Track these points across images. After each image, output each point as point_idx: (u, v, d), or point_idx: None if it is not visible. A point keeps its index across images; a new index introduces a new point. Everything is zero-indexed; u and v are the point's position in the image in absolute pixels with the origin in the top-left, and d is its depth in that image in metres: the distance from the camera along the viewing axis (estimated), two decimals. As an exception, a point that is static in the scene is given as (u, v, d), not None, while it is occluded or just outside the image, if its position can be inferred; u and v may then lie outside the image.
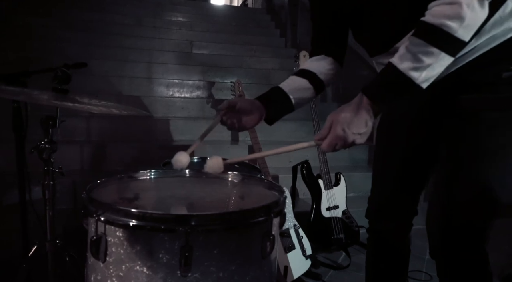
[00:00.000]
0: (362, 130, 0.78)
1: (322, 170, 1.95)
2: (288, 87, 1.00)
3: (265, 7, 5.15)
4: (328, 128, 0.80)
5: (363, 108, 0.77)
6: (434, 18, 0.69)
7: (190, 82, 3.18)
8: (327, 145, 0.79)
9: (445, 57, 0.70)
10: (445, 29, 0.68)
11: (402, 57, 0.72)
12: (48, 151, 1.02)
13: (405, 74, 0.71)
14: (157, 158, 2.42)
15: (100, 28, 3.59)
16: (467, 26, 0.67)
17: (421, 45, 0.70)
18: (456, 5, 0.66)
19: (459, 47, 0.70)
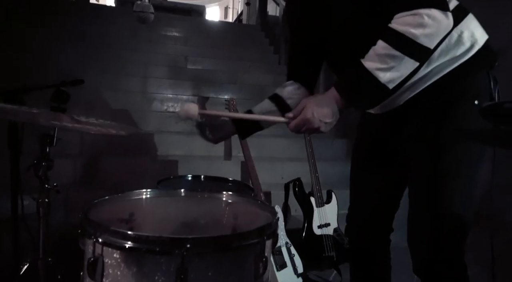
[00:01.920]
0: (328, 119, 0.85)
1: (314, 187, 1.97)
2: (257, 110, 1.10)
3: (260, 23, 5.25)
4: (299, 110, 0.86)
5: (333, 100, 0.84)
6: (399, 26, 0.76)
7: (184, 97, 3.21)
8: (295, 125, 0.87)
9: (409, 61, 0.77)
10: (409, 35, 0.75)
11: (370, 58, 0.79)
12: (44, 168, 1.03)
13: (371, 73, 0.79)
14: (150, 172, 2.43)
15: (95, 40, 3.61)
16: (429, 34, 0.75)
17: (386, 48, 0.77)
18: (418, 16, 0.74)
19: (422, 53, 0.77)
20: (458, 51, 0.85)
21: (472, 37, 0.86)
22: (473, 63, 0.86)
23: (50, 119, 0.92)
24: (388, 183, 1.06)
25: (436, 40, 0.76)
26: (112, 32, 3.83)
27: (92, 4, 5.50)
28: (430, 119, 0.89)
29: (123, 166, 2.33)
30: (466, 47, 0.85)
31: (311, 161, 2.01)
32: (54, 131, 1.04)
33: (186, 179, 1.52)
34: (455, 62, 0.85)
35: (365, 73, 0.79)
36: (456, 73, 0.85)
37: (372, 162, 1.07)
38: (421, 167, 0.92)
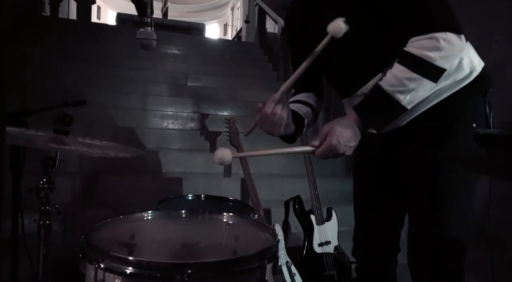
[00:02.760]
0: (352, 143, 0.85)
1: (314, 205, 1.97)
2: (300, 111, 1.04)
3: (258, 41, 5.34)
4: (324, 137, 0.86)
5: (354, 124, 0.85)
6: (416, 50, 0.79)
7: (184, 114, 3.24)
8: (321, 152, 0.86)
9: (427, 83, 0.80)
10: (426, 59, 0.78)
11: (389, 81, 0.81)
12: (46, 191, 1.04)
13: (391, 96, 0.81)
14: (150, 190, 2.43)
15: (96, 58, 3.67)
16: (445, 56, 0.77)
17: (405, 72, 0.79)
18: (434, 40, 0.77)
19: (439, 74, 0.80)
20: (458, 76, 0.88)
21: (471, 64, 0.89)
22: (471, 88, 0.89)
23: (53, 143, 0.93)
24: (391, 202, 1.07)
25: (452, 61, 0.80)
26: (113, 50, 3.90)
27: (93, 23, 5.61)
28: (429, 141, 0.91)
29: (122, 184, 2.33)
30: (465, 73, 0.88)
31: (311, 178, 2.02)
32: (56, 154, 1.05)
33: (186, 198, 1.53)
34: (455, 86, 0.88)
35: (386, 96, 0.81)
36: (455, 97, 0.88)
37: (374, 182, 1.08)
38: (420, 188, 0.93)
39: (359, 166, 1.13)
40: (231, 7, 11.80)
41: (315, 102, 1.12)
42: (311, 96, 1.13)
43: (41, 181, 1.03)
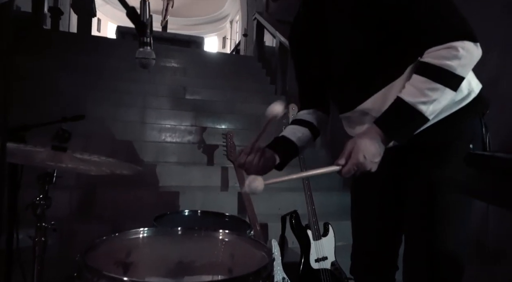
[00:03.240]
0: (377, 158, 0.84)
1: (311, 220, 1.97)
2: (294, 137, 1.07)
3: (257, 54, 5.40)
4: (348, 154, 0.84)
5: (378, 138, 0.83)
6: (435, 60, 0.79)
7: (182, 127, 3.25)
8: (348, 170, 0.84)
9: (449, 92, 0.79)
10: (447, 68, 0.78)
11: (411, 93, 0.81)
12: (43, 207, 1.04)
13: (415, 108, 0.80)
14: (147, 203, 2.42)
15: (95, 71, 3.70)
16: (464, 64, 0.78)
17: (426, 82, 0.79)
18: (452, 49, 0.77)
19: (459, 82, 0.80)
20: (457, 97, 0.88)
21: (469, 85, 0.90)
22: (469, 109, 0.90)
23: (51, 160, 0.94)
24: (390, 219, 1.06)
25: (469, 69, 0.81)
26: (112, 63, 3.93)
27: (93, 36, 5.68)
28: (427, 159, 0.91)
29: (120, 197, 2.33)
30: (464, 94, 0.89)
31: (308, 193, 2.02)
32: (54, 170, 1.06)
33: (183, 214, 1.53)
34: (454, 107, 0.89)
35: (409, 108, 0.80)
36: (454, 117, 0.89)
37: (373, 199, 1.08)
38: (416, 207, 0.94)
39: (357, 183, 1.13)
40: (230, 21, 11.97)
41: (317, 119, 1.12)
42: (312, 113, 1.13)
43: (38, 197, 1.03)
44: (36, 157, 0.95)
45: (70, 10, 6.41)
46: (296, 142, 1.06)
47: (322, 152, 3.20)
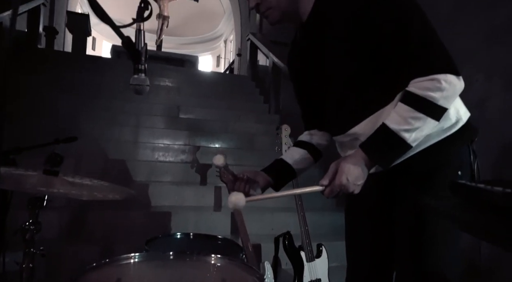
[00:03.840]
0: (360, 181, 0.86)
1: (304, 241, 1.96)
2: (291, 160, 1.11)
3: (250, 74, 5.48)
4: (332, 175, 0.86)
5: (362, 161, 0.86)
6: (419, 90, 0.82)
7: (175, 146, 3.25)
8: (330, 191, 0.86)
9: (431, 122, 0.83)
10: (430, 99, 0.81)
11: (395, 120, 0.84)
12: (32, 232, 1.02)
13: (398, 135, 0.83)
14: (139, 224, 2.39)
15: (89, 90, 3.71)
16: (446, 96, 0.82)
17: (410, 111, 0.82)
18: (435, 81, 0.81)
19: (441, 113, 0.84)
20: (445, 124, 0.91)
21: (457, 113, 0.93)
22: (457, 137, 0.93)
23: (42, 185, 0.93)
24: (384, 244, 1.07)
25: (452, 101, 0.84)
26: (106, 82, 3.95)
27: (87, 56, 5.72)
28: (416, 185, 0.93)
29: (110, 218, 2.30)
30: (452, 122, 0.92)
31: (301, 213, 2.02)
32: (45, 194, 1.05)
33: (174, 237, 1.51)
34: (442, 134, 0.92)
35: (392, 134, 0.83)
36: (442, 144, 0.92)
37: (366, 224, 1.09)
38: (405, 231, 0.95)
39: (350, 207, 1.14)
40: (224, 40, 12.17)
41: (318, 139, 1.15)
42: (314, 133, 1.16)
43: (27, 221, 1.02)
44: (27, 181, 0.95)
45: (65, 29, 6.48)
46: (292, 164, 1.10)
47: (315, 171, 3.20)
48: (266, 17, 0.99)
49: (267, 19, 0.99)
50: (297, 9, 0.98)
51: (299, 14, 0.98)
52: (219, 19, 11.83)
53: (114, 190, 1.07)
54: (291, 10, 0.98)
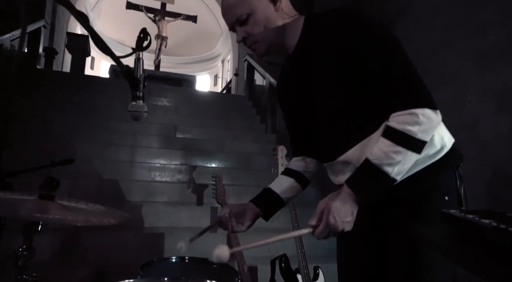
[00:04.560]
0: (349, 218, 0.86)
1: (301, 264, 1.94)
2: (279, 189, 1.13)
3: (247, 93, 5.54)
4: (319, 215, 0.86)
5: (348, 198, 0.86)
6: (398, 124, 0.84)
7: (172, 166, 3.24)
8: (320, 232, 0.86)
9: (412, 154, 0.85)
10: (408, 133, 0.83)
11: (377, 155, 0.85)
12: (25, 258, 1.01)
13: (381, 169, 0.84)
14: (134, 246, 2.36)
15: (86, 110, 3.72)
16: (424, 130, 0.84)
17: (391, 145, 0.84)
18: (414, 115, 0.83)
19: (421, 146, 0.85)
20: (430, 151, 0.93)
21: (441, 140, 0.96)
22: (443, 163, 0.95)
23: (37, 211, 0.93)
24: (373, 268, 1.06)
25: (431, 134, 0.87)
26: (103, 103, 3.97)
27: (86, 76, 5.78)
28: (405, 213, 0.94)
29: (105, 240, 2.26)
30: (437, 149, 0.94)
31: (297, 235, 2.01)
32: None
33: (170, 261, 1.49)
34: (428, 160, 0.94)
35: (375, 170, 0.85)
36: (428, 170, 0.93)
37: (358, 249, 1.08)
38: (396, 256, 0.95)
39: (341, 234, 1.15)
40: (222, 60, 12.35)
41: (307, 167, 1.16)
42: (302, 160, 1.17)
43: (21, 247, 1.01)
44: (22, 207, 0.94)
45: (64, 49, 6.57)
46: (280, 194, 1.12)
47: (312, 191, 3.21)
48: (253, 50, 1.01)
49: (254, 52, 1.02)
50: (283, 42, 1.00)
51: (286, 46, 1.01)
52: (216, 39, 12.05)
53: (110, 214, 1.06)
54: (278, 43, 0.99)
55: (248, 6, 0.94)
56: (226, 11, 0.97)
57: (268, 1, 0.96)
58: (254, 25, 0.95)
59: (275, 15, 0.96)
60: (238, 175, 3.30)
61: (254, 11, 0.94)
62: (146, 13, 9.93)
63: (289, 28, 0.98)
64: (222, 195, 1.96)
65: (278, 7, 0.96)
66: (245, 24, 0.96)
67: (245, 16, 0.94)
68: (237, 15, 0.95)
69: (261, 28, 0.95)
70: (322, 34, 0.94)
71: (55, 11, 5.86)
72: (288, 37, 0.99)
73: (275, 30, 0.97)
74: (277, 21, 0.97)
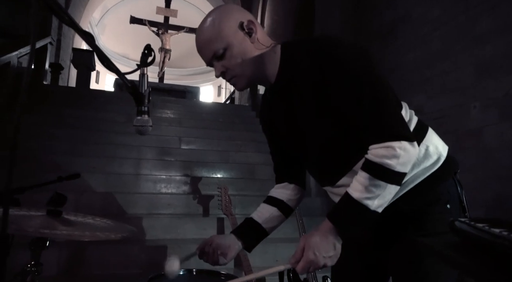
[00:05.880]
0: (331, 253, 0.84)
1: (309, 275, 1.92)
2: (260, 218, 1.10)
3: (251, 104, 5.58)
4: (301, 251, 0.85)
5: (330, 233, 0.85)
6: (376, 157, 0.82)
7: (177, 178, 3.25)
8: (301, 268, 0.84)
9: (391, 187, 0.82)
10: (386, 166, 0.81)
11: (356, 189, 0.84)
12: (33, 274, 1.01)
13: (360, 203, 0.82)
14: (140, 260, 2.35)
15: (92, 124, 3.77)
16: (403, 162, 0.81)
17: (369, 179, 0.82)
18: (391, 148, 0.81)
19: (401, 178, 0.84)
20: (427, 163, 0.93)
21: (436, 150, 0.95)
22: (441, 172, 0.94)
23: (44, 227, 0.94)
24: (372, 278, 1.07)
25: (409, 166, 0.84)
26: (108, 117, 4.02)
27: (91, 90, 5.86)
28: (407, 224, 0.93)
29: (110, 254, 2.25)
30: (433, 160, 0.94)
31: (304, 245, 1.99)
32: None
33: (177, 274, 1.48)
34: (427, 172, 0.93)
35: (356, 204, 0.83)
36: (428, 181, 0.93)
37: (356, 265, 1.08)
38: (401, 270, 0.95)
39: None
40: (225, 71, 12.45)
41: (289, 195, 1.12)
42: (285, 187, 1.14)
43: (29, 264, 1.01)
44: (29, 223, 0.95)
45: (70, 64, 6.67)
46: (262, 224, 1.09)
47: (317, 200, 3.20)
48: (233, 85, 1.00)
49: (234, 87, 1.00)
50: (263, 72, 0.97)
51: (267, 76, 0.99)
52: (219, 50, 12.16)
53: (117, 228, 1.07)
54: (257, 75, 0.98)
55: (223, 41, 0.92)
56: (202, 47, 0.96)
57: (243, 34, 0.93)
58: (231, 59, 0.93)
59: (251, 47, 0.94)
60: (243, 185, 3.29)
61: (230, 45, 0.92)
62: (150, 27, 10.08)
63: (267, 58, 0.96)
64: (228, 206, 1.96)
65: (253, 38, 0.94)
66: (222, 59, 0.94)
67: (222, 51, 0.92)
68: (213, 50, 0.93)
69: (239, 61, 0.93)
70: (298, 65, 0.92)
71: (61, 27, 5.97)
72: (267, 67, 0.97)
73: (252, 62, 0.94)
74: (254, 53, 0.94)
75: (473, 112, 2.26)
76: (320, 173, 1.04)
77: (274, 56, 0.96)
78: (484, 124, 2.17)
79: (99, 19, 11.40)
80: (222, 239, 1.06)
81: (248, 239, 1.09)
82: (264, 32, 0.99)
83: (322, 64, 0.87)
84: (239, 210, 2.80)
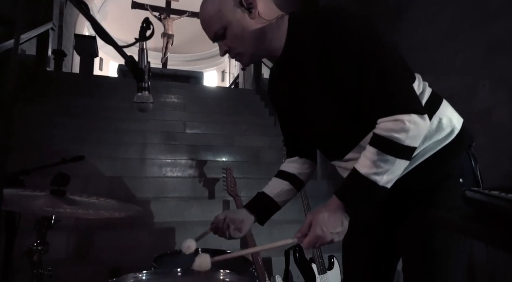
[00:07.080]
0: (339, 229, 0.84)
1: (315, 253, 1.93)
2: (272, 193, 1.10)
3: (255, 87, 5.52)
4: (307, 226, 0.85)
5: (338, 209, 0.84)
6: (384, 131, 0.80)
7: (182, 161, 3.26)
8: (308, 243, 0.85)
9: (401, 162, 0.80)
10: (395, 140, 0.79)
11: (364, 164, 0.82)
12: (40, 253, 1.02)
13: (369, 178, 0.80)
14: (147, 242, 2.37)
15: (96, 111, 3.76)
16: (412, 136, 0.79)
17: (377, 154, 0.80)
18: (400, 121, 0.78)
19: (410, 152, 0.81)
20: (440, 135, 0.90)
21: (450, 122, 0.92)
22: (454, 145, 0.91)
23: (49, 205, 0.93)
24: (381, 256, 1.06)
25: (419, 140, 0.81)
26: (113, 103, 4.00)
27: (94, 76, 5.83)
28: (420, 202, 0.91)
29: (118, 237, 2.28)
30: (446, 132, 0.91)
31: (310, 226, 1.99)
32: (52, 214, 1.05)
33: (183, 253, 1.49)
34: (438, 145, 0.90)
35: (364, 180, 0.81)
36: (439, 155, 0.90)
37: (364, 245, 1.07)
38: (412, 247, 0.93)
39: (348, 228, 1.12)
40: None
41: (300, 168, 1.12)
42: (297, 161, 1.13)
43: (35, 243, 1.02)
44: (34, 203, 0.95)
45: (73, 51, 6.64)
46: (274, 198, 1.09)
47: (323, 183, 3.18)
48: (238, 61, 0.98)
49: (240, 62, 0.99)
50: (268, 47, 0.95)
51: (272, 50, 0.96)
52: (222, 35, 12.01)
53: (121, 208, 1.07)
54: (261, 51, 0.96)
55: (222, 20, 0.90)
56: (204, 27, 0.94)
57: (241, 10, 0.90)
58: (232, 38, 0.91)
59: (252, 23, 0.91)
60: (248, 169, 3.29)
61: (229, 24, 0.90)
62: (152, 12, 9.96)
63: (270, 32, 0.93)
64: (233, 187, 1.95)
65: (254, 14, 0.91)
66: (224, 38, 0.92)
67: (222, 31, 0.91)
68: (214, 31, 0.92)
69: (240, 39, 0.91)
70: (304, 39, 0.89)
71: (62, 14, 5.92)
72: (272, 41, 0.94)
73: (254, 38, 0.92)
74: (255, 29, 0.92)
75: (482, 91, 2.21)
76: (327, 148, 1.02)
77: (278, 30, 0.93)
78: (493, 104, 2.12)
79: (100, 6, 11.27)
80: (235, 214, 1.07)
81: (261, 213, 1.09)
82: (269, 3, 0.96)
83: (326, 37, 0.84)
84: (244, 193, 2.80)
